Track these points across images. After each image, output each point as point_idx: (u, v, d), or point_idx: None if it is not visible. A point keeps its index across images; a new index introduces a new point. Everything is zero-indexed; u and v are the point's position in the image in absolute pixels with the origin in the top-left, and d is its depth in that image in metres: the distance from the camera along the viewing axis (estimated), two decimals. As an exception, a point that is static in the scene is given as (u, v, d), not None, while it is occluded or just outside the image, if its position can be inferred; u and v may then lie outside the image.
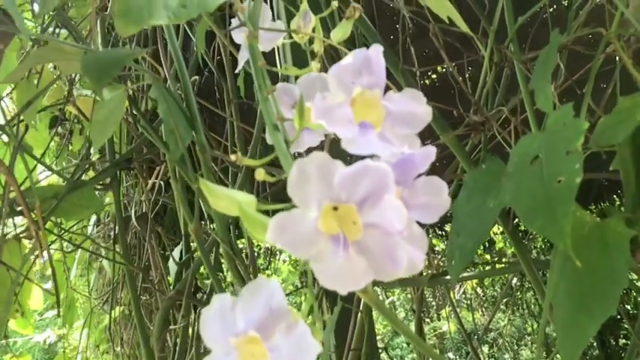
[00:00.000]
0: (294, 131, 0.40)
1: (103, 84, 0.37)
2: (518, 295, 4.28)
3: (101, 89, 0.37)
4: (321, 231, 0.27)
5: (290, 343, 0.25)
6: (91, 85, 0.68)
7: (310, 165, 0.27)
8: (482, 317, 4.91)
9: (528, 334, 4.89)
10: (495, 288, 4.61)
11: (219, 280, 0.58)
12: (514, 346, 4.99)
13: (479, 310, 4.79)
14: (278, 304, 0.26)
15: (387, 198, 0.26)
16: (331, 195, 0.27)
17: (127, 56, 0.39)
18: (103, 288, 1.76)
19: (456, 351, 4.98)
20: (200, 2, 0.34)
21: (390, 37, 1.36)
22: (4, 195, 0.45)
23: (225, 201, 0.31)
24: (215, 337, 0.27)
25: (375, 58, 0.29)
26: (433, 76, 1.89)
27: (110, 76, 0.38)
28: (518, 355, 4.95)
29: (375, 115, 0.30)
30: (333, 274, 0.26)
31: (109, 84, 0.42)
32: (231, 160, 0.34)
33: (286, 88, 0.43)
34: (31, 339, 1.99)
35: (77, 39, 0.61)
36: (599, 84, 0.62)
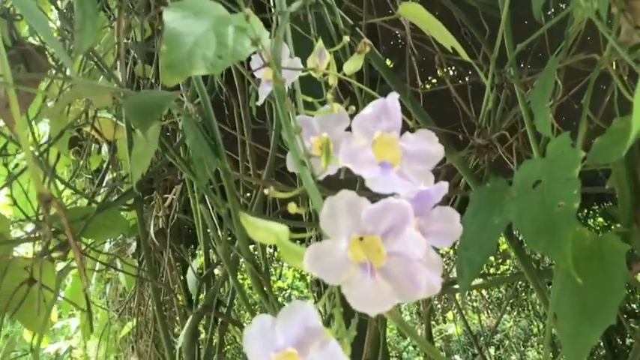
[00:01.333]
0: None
1: (148, 126, 0.41)
2: (523, 296, 4.31)
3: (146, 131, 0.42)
4: (350, 259, 0.31)
5: (323, 358, 0.29)
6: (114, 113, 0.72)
7: (340, 202, 0.31)
8: (487, 319, 4.93)
9: (534, 335, 4.90)
10: (500, 290, 4.64)
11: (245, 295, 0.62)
12: (520, 347, 5.00)
13: (484, 312, 4.81)
14: (312, 324, 0.30)
15: (408, 230, 0.30)
16: (359, 228, 0.31)
17: (166, 99, 0.43)
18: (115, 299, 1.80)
19: (462, 353, 4.99)
20: (233, 53, 0.38)
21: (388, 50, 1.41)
22: (47, 220, 0.49)
23: (262, 232, 0.35)
24: (257, 353, 0.31)
25: (392, 106, 0.33)
26: (433, 80, 1.96)
27: (154, 118, 0.42)
28: (525, 357, 4.96)
29: (394, 154, 0.34)
30: (363, 297, 0.30)
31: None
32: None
33: (304, 121, 0.48)
34: (43, 349, 2.03)
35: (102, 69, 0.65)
36: (598, 85, 0.66)
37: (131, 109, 0.42)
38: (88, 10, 0.54)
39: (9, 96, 0.38)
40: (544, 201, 0.41)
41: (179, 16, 0.38)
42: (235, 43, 0.39)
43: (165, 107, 0.44)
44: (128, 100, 0.43)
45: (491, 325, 4.83)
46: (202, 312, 0.71)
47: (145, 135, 0.42)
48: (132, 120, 0.42)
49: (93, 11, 0.54)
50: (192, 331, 0.70)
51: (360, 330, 0.36)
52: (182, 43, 0.37)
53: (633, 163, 0.54)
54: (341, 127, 0.48)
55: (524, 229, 0.42)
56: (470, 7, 0.84)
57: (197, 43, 0.38)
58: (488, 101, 0.63)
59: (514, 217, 0.45)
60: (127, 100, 0.43)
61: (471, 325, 5.28)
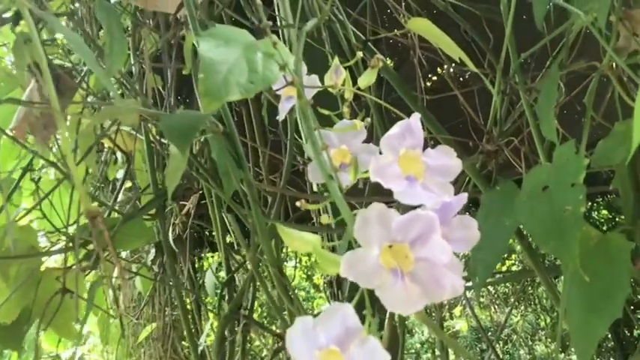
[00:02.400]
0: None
1: (186, 146, 0.45)
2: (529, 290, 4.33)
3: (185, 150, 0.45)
4: (382, 265, 0.34)
5: (363, 354, 0.33)
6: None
7: (372, 213, 0.34)
8: (494, 314, 4.96)
9: (542, 329, 4.92)
10: (506, 285, 4.66)
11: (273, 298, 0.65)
12: (528, 341, 5.01)
13: (491, 307, 4.83)
14: (352, 323, 0.33)
15: (434, 237, 0.34)
16: (389, 237, 0.34)
17: (202, 119, 0.46)
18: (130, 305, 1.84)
19: (470, 349, 5.02)
20: (264, 78, 0.42)
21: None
22: (93, 234, 0.52)
23: (298, 241, 0.39)
24: (300, 351, 0.35)
25: (415, 125, 0.37)
26: (434, 78, 2.02)
27: (192, 138, 0.45)
28: (533, 351, 4.97)
29: (418, 168, 0.37)
30: (395, 299, 0.34)
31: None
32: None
33: (324, 134, 0.51)
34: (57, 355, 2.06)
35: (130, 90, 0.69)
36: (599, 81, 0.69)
37: (168, 130, 0.46)
38: (116, 33, 0.58)
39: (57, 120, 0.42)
40: (552, 205, 0.44)
41: (213, 46, 0.42)
42: (264, 68, 0.42)
43: (200, 127, 0.47)
44: (165, 121, 0.47)
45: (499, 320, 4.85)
46: (230, 315, 0.75)
47: (183, 154, 0.46)
48: (170, 140, 0.45)
49: (120, 35, 0.58)
50: (221, 333, 0.73)
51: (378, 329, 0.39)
52: (217, 72, 0.40)
53: (635, 164, 0.57)
54: (358, 139, 0.51)
55: (534, 232, 0.46)
56: (473, 15, 0.87)
57: (230, 70, 0.41)
58: (496, 108, 0.67)
59: (524, 219, 0.48)
60: (164, 121, 0.46)
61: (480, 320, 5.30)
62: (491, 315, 4.56)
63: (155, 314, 1.63)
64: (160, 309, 1.55)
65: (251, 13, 0.89)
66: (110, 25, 0.57)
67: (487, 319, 5.11)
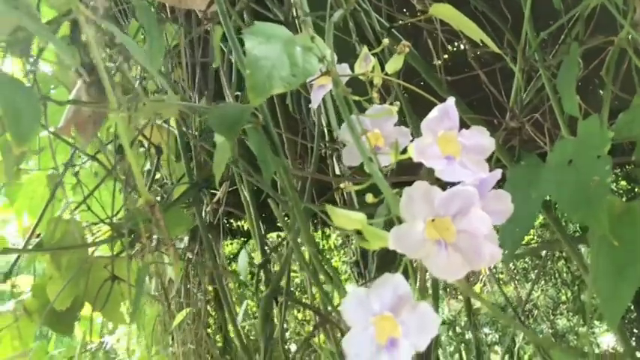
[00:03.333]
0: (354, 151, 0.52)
1: (234, 137, 0.48)
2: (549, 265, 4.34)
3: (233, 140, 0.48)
4: (427, 238, 0.38)
5: (416, 317, 0.36)
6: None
7: (416, 191, 0.38)
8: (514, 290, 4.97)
9: (563, 303, 4.93)
10: (525, 260, 4.67)
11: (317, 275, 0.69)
12: (550, 316, 5.03)
13: (510, 283, 4.85)
14: (403, 291, 0.37)
15: (474, 210, 0.37)
16: (432, 212, 0.38)
17: (246, 111, 0.50)
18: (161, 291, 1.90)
19: (491, 325, 5.05)
20: (304, 71, 0.45)
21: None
22: (155, 222, 0.56)
23: (344, 219, 0.42)
24: (355, 318, 0.38)
25: (451, 109, 0.40)
26: (445, 56, 2.04)
27: (239, 129, 0.49)
28: (555, 325, 4.99)
29: (455, 148, 0.40)
30: (440, 267, 0.37)
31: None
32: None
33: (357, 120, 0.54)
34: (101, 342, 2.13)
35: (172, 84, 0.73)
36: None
37: (216, 122, 0.49)
38: (154, 33, 0.61)
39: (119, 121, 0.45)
40: (579, 176, 0.47)
41: (256, 43, 0.45)
42: (304, 62, 0.46)
43: (246, 119, 0.51)
44: (212, 114, 0.50)
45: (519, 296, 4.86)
46: (272, 294, 0.79)
47: (231, 144, 0.49)
48: (218, 132, 0.49)
49: (158, 33, 0.61)
50: (264, 312, 0.77)
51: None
52: (262, 67, 0.44)
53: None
54: (390, 123, 0.54)
55: (563, 202, 0.49)
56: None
57: (274, 65, 0.44)
58: (518, 86, 0.69)
59: (552, 191, 0.51)
60: (211, 114, 0.50)
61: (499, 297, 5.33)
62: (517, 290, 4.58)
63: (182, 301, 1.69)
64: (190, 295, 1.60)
65: (272, 4, 0.92)
66: (149, 24, 0.61)
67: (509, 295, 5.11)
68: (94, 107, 0.57)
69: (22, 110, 0.43)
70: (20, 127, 0.43)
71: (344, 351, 0.39)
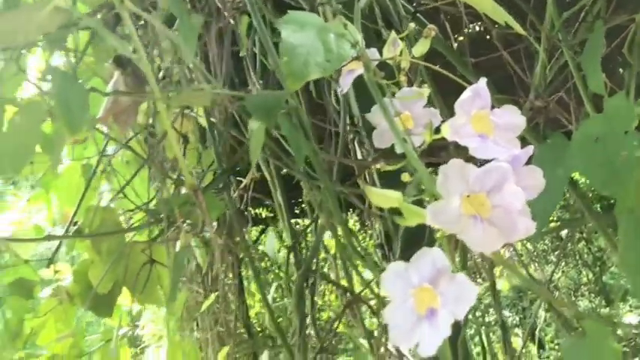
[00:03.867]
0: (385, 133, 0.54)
1: (272, 122, 0.50)
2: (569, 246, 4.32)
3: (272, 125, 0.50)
4: (463, 213, 0.39)
5: (454, 288, 0.38)
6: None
7: (452, 169, 0.39)
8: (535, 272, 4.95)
9: (584, 285, 4.91)
10: (545, 242, 4.65)
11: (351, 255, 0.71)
12: (571, 297, 5.02)
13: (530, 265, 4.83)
14: (441, 263, 0.39)
15: (508, 186, 0.39)
16: (468, 188, 0.39)
17: (282, 97, 0.52)
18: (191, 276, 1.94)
19: (512, 308, 5.05)
20: (338, 56, 0.47)
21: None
22: (200, 206, 0.58)
23: (383, 198, 0.44)
24: (394, 290, 0.40)
25: (483, 89, 0.42)
26: (461, 38, 2.04)
27: (276, 115, 0.51)
28: (577, 306, 4.98)
29: (487, 127, 0.42)
30: (476, 241, 0.39)
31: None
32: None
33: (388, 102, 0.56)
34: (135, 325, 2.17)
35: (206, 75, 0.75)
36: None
37: (254, 108, 0.51)
38: (187, 23, 0.63)
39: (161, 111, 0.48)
40: (606, 152, 0.49)
41: (291, 31, 0.47)
42: (338, 47, 0.48)
43: (282, 105, 0.53)
44: (249, 101, 0.52)
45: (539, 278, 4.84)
46: (305, 273, 0.82)
47: (270, 128, 0.51)
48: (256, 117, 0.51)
49: (191, 25, 0.63)
50: (299, 290, 0.80)
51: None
52: (298, 54, 0.46)
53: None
54: (419, 105, 0.56)
55: (591, 178, 0.50)
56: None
57: (309, 52, 0.46)
58: (543, 66, 0.70)
59: (580, 167, 0.53)
60: (248, 101, 0.52)
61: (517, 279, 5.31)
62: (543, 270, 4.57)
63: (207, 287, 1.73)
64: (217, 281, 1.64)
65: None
66: (182, 15, 0.63)
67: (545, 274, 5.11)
68: (136, 97, 0.59)
69: (72, 101, 0.46)
70: (72, 117, 0.45)
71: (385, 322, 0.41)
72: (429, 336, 0.38)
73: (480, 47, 1.11)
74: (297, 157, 0.62)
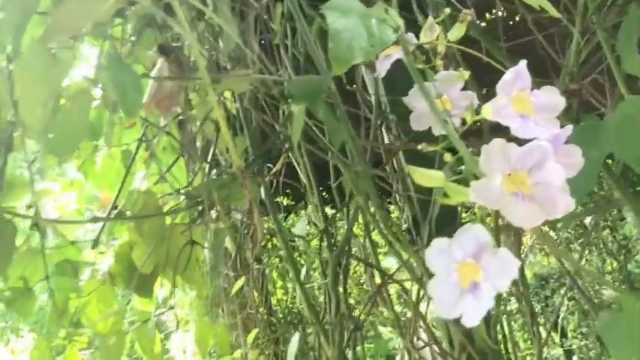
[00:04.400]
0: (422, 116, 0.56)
1: (317, 105, 0.52)
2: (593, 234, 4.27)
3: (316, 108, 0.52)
4: (504, 191, 0.41)
5: (496, 262, 0.40)
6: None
7: (493, 148, 0.41)
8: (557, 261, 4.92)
9: (609, 273, 4.86)
10: (568, 230, 4.61)
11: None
12: (595, 286, 4.97)
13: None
14: (484, 239, 0.40)
15: (549, 164, 0.40)
16: (509, 166, 0.41)
17: (323, 81, 0.54)
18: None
19: (534, 296, 5.03)
20: (381, 41, 0.49)
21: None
22: (246, 186, 0.61)
23: (426, 177, 0.46)
24: (439, 265, 0.42)
25: (523, 71, 0.43)
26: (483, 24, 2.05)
27: (319, 98, 0.53)
28: (601, 295, 4.94)
29: (528, 107, 0.44)
30: (518, 217, 0.41)
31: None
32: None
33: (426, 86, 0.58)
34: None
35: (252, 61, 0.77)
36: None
37: (297, 92, 0.53)
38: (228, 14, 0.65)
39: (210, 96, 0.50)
40: (644, 133, 0.50)
41: (336, 17, 0.49)
42: (380, 32, 0.49)
43: (324, 89, 0.54)
44: (292, 85, 0.54)
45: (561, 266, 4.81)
46: (340, 253, 0.84)
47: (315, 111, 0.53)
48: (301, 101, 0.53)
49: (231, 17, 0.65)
50: (334, 269, 0.83)
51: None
52: (343, 39, 0.47)
53: None
54: (456, 88, 0.58)
55: (627, 158, 0.51)
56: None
57: (353, 37, 0.48)
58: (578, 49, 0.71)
59: (616, 149, 0.54)
60: (291, 85, 0.54)
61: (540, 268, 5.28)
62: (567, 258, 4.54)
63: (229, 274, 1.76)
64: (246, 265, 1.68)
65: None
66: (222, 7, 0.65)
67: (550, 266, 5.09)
68: (186, 81, 0.62)
69: (128, 86, 0.48)
70: (128, 102, 0.48)
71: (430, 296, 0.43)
72: (473, 308, 0.40)
73: (508, 30, 1.12)
74: (334, 142, 0.64)
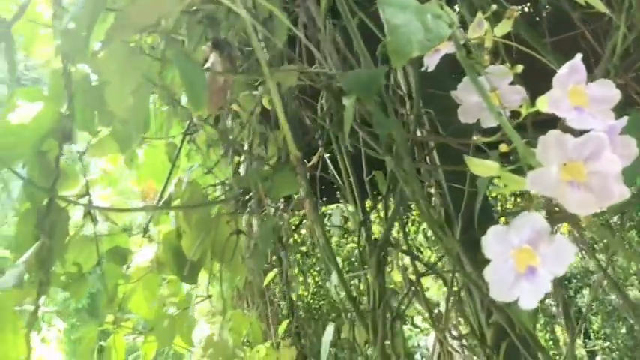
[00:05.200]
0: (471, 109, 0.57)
1: (371, 97, 0.54)
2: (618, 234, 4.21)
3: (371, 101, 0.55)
4: (560, 180, 0.43)
5: (553, 248, 0.42)
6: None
7: (550, 139, 0.43)
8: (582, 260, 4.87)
9: (634, 274, 4.79)
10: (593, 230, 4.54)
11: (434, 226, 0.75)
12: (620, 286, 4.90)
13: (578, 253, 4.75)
14: (541, 226, 0.42)
15: (605, 154, 0.42)
16: (566, 156, 0.43)
17: (380, 73, 0.56)
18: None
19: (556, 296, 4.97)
20: (437, 36, 0.51)
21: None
22: (300, 177, 0.63)
23: (482, 167, 0.48)
24: (495, 251, 0.44)
25: (578, 64, 0.45)
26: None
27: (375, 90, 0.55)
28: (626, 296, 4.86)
29: (583, 100, 0.45)
30: (573, 205, 0.42)
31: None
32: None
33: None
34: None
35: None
36: None
37: (353, 85, 0.55)
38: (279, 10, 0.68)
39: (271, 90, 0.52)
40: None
41: (393, 12, 0.51)
42: (437, 27, 0.51)
43: (379, 81, 0.57)
44: (347, 78, 0.56)
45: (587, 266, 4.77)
46: (383, 244, 0.86)
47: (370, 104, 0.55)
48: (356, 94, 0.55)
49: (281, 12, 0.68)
50: (377, 260, 0.85)
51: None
52: (402, 33, 0.49)
53: None
54: (505, 82, 0.59)
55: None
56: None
57: (411, 31, 0.50)
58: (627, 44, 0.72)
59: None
60: (347, 79, 0.56)
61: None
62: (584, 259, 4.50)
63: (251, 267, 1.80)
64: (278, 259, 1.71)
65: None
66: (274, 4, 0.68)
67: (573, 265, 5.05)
68: (249, 76, 0.64)
69: (195, 80, 0.51)
70: (195, 95, 0.50)
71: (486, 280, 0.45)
72: (530, 291, 0.42)
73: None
74: (381, 134, 0.66)
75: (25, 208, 0.79)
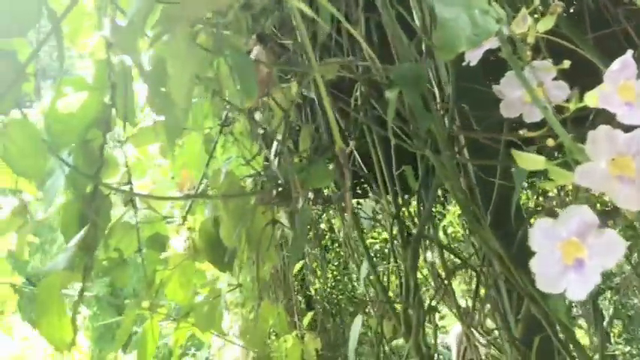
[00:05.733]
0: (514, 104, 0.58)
1: (419, 91, 0.56)
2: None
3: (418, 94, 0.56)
4: (609, 174, 0.43)
5: (601, 241, 0.42)
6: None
7: (600, 133, 0.43)
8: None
9: (657, 278, 4.72)
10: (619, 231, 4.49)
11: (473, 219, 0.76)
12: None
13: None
14: (589, 218, 0.43)
15: (655, 149, 0.42)
16: (615, 151, 0.43)
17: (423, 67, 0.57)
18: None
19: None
20: (484, 31, 0.51)
21: None
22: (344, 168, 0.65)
23: (529, 161, 0.49)
24: (542, 243, 0.45)
25: (630, 61, 0.45)
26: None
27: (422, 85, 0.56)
28: (644, 300, 4.79)
29: (632, 95, 0.46)
30: (622, 199, 0.43)
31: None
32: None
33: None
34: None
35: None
36: None
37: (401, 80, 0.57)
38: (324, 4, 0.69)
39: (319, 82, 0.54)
40: None
41: (442, 6, 0.52)
42: (484, 22, 0.52)
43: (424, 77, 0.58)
44: (396, 73, 0.58)
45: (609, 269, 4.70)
46: (419, 237, 0.88)
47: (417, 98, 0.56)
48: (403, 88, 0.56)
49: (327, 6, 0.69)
50: (414, 252, 0.86)
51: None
52: (451, 28, 0.50)
53: None
54: (550, 77, 0.60)
55: None
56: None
57: (459, 26, 0.51)
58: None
59: None
60: (396, 73, 0.58)
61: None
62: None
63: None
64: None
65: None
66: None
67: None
68: (297, 69, 0.66)
69: (247, 72, 0.53)
70: (248, 86, 0.52)
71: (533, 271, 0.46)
72: (578, 283, 0.43)
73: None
74: (421, 128, 0.67)
75: (69, 195, 0.82)
